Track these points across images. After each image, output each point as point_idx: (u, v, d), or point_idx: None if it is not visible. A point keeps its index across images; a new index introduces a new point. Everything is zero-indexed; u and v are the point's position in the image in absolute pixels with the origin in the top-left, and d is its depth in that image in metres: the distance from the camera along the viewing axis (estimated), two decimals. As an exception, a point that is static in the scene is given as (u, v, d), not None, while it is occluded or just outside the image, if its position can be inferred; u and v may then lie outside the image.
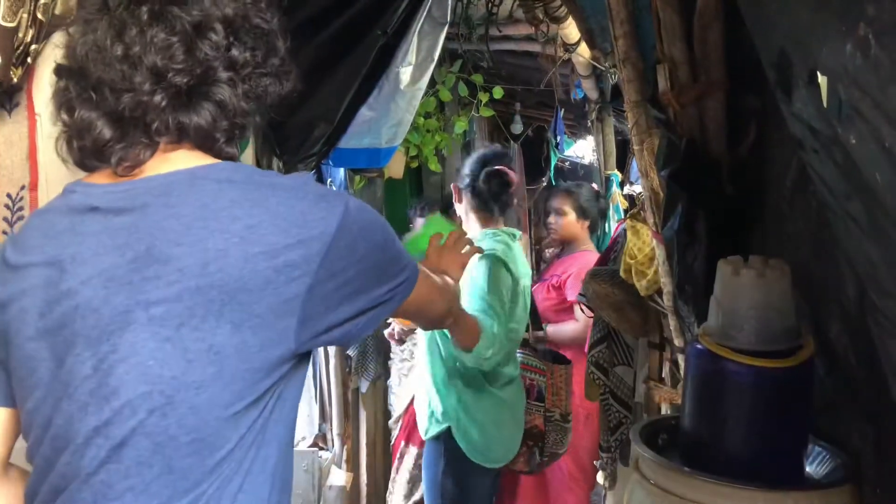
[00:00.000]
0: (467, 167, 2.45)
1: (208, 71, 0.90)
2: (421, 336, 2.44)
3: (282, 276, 0.85)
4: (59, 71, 0.93)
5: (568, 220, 3.34)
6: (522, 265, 2.40)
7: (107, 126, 0.89)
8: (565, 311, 3.20)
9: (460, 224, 2.51)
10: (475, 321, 2.10)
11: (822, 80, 0.73)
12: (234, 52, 0.92)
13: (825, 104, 0.72)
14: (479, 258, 2.19)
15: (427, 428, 2.35)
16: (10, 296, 0.92)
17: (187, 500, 0.85)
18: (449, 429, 2.28)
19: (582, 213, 3.37)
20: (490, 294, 2.18)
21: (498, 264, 2.23)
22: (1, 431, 0.98)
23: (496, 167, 2.39)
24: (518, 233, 2.50)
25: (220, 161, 0.94)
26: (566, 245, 3.41)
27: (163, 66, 0.87)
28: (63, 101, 0.92)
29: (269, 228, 0.86)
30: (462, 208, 2.47)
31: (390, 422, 3.33)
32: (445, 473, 2.29)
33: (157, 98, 0.88)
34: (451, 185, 2.53)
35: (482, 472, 2.30)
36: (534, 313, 2.73)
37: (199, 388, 0.84)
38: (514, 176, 2.44)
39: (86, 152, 0.91)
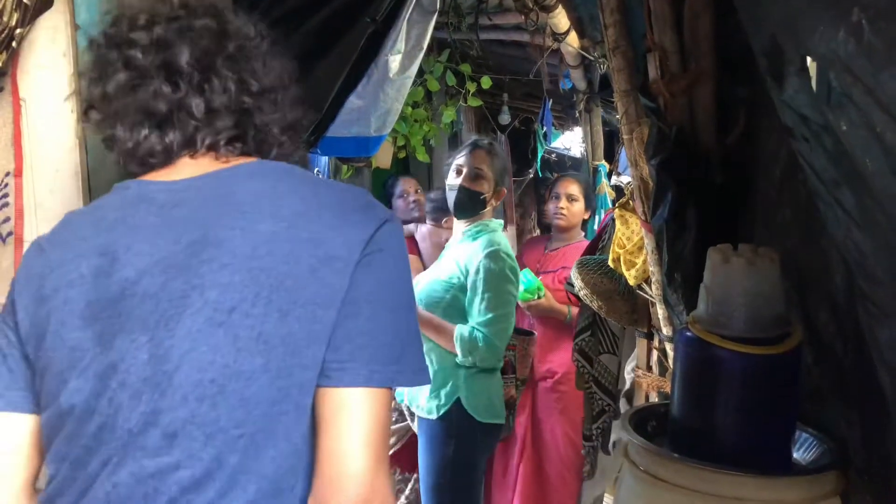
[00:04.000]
0: (505, 175, 2.57)
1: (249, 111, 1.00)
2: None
3: (325, 266, 0.84)
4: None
5: (578, 207, 3.29)
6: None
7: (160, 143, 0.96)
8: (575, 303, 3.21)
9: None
10: (449, 333, 2.30)
11: (811, 65, 0.74)
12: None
13: (814, 90, 0.72)
14: (491, 254, 2.31)
15: (435, 406, 2.35)
16: (52, 289, 0.90)
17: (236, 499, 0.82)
18: (457, 401, 2.31)
19: (588, 201, 3.36)
20: (496, 292, 2.29)
21: (506, 259, 2.33)
22: (31, 443, 0.93)
23: (475, 139, 2.52)
24: (500, 223, 2.56)
25: (278, 162, 0.98)
26: (560, 233, 3.36)
27: (293, 119, 1.03)
28: (168, 93, 0.94)
29: (315, 217, 0.87)
30: (497, 203, 2.55)
31: None
32: (457, 450, 2.33)
33: (276, 131, 1.01)
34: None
35: (487, 438, 2.39)
36: None
37: (249, 379, 0.82)
38: (497, 148, 2.55)
39: (179, 140, 0.95)
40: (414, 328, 0.91)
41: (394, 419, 3.14)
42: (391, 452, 3.13)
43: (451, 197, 2.49)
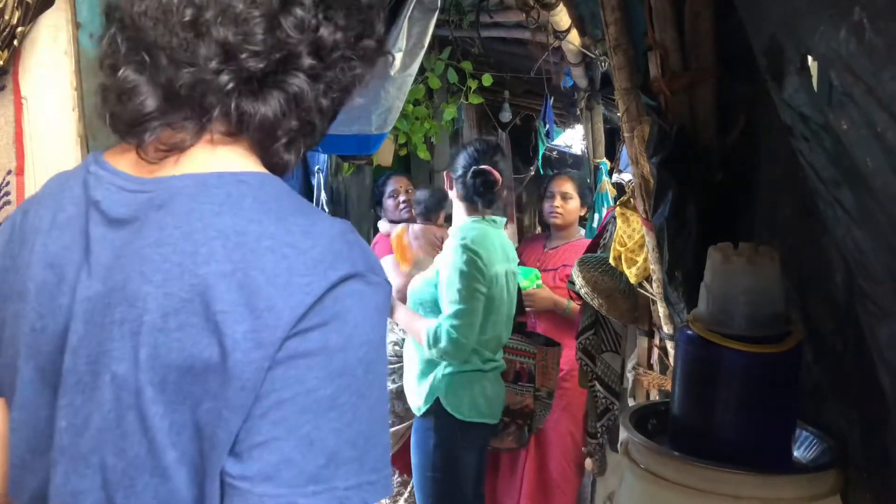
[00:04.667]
0: (461, 160, 2.52)
1: (289, 57, 0.73)
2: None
3: (238, 352, 0.66)
4: (110, 12, 0.77)
5: (573, 205, 3.30)
6: (498, 252, 2.46)
7: (153, 96, 0.73)
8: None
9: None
10: (420, 328, 2.35)
11: (811, 64, 0.74)
12: (323, 31, 0.74)
13: (815, 89, 0.72)
14: (455, 249, 2.36)
15: (417, 405, 2.45)
16: (8, 292, 0.79)
17: None
18: (437, 401, 2.37)
19: (584, 199, 3.35)
20: (459, 286, 2.32)
21: (467, 252, 2.34)
22: None
23: (482, 167, 2.46)
24: (501, 220, 2.56)
25: (256, 171, 0.75)
26: (558, 231, 3.36)
27: (236, 43, 0.71)
28: (107, 55, 0.75)
29: (241, 280, 0.66)
30: (452, 194, 2.56)
31: None
32: (436, 447, 2.39)
33: (223, 79, 0.72)
34: (445, 173, 2.61)
35: (470, 439, 2.42)
36: (519, 300, 2.75)
37: (164, 475, 0.68)
38: (499, 175, 2.52)
39: (119, 121, 0.75)
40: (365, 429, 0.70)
41: (391, 421, 3.14)
42: (392, 454, 3.13)
43: None
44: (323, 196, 3.43)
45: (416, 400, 2.46)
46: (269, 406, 0.66)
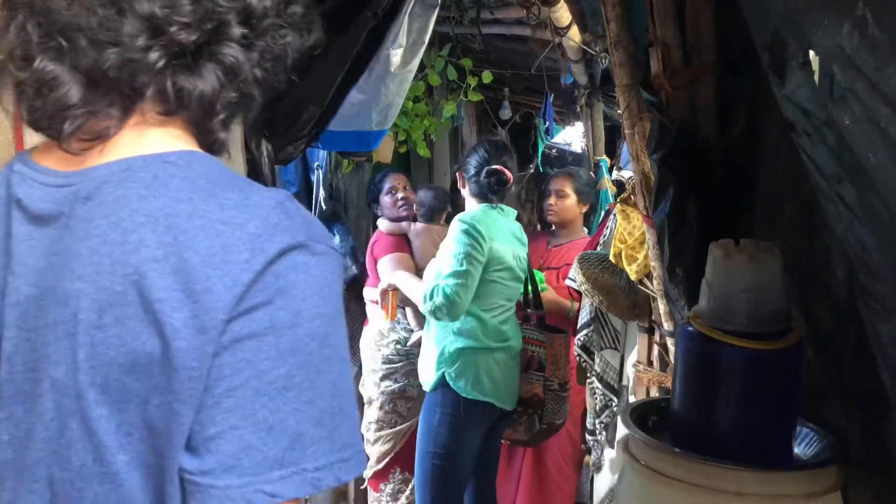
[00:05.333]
0: (473, 160, 2.64)
1: (220, 26, 0.70)
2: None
3: (180, 339, 0.62)
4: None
5: (568, 203, 3.30)
6: (502, 232, 2.56)
7: (76, 85, 0.68)
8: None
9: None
10: (419, 288, 2.51)
11: (813, 58, 0.73)
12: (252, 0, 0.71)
13: (818, 84, 0.72)
14: (453, 224, 2.51)
15: (428, 379, 2.54)
16: None
17: None
18: (443, 376, 2.46)
19: (581, 196, 3.33)
20: (454, 251, 2.45)
21: (463, 224, 2.48)
22: None
23: (496, 167, 2.60)
24: (510, 210, 2.64)
25: (184, 150, 0.71)
26: (560, 229, 3.36)
27: (163, 16, 0.67)
28: (16, 45, 0.69)
29: (175, 264, 0.62)
30: (465, 192, 2.69)
31: (385, 430, 3.24)
32: (440, 423, 2.47)
33: (153, 56, 0.67)
34: (457, 173, 2.76)
35: (473, 418, 2.48)
36: (535, 294, 2.77)
37: (114, 481, 0.65)
38: (511, 174, 2.64)
39: (40, 115, 0.69)
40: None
41: (392, 421, 3.14)
42: (392, 455, 3.13)
43: None
44: (322, 193, 3.42)
45: (426, 375, 2.55)
46: (220, 394, 0.63)
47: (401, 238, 3.23)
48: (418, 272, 3.10)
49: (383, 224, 3.29)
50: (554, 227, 3.39)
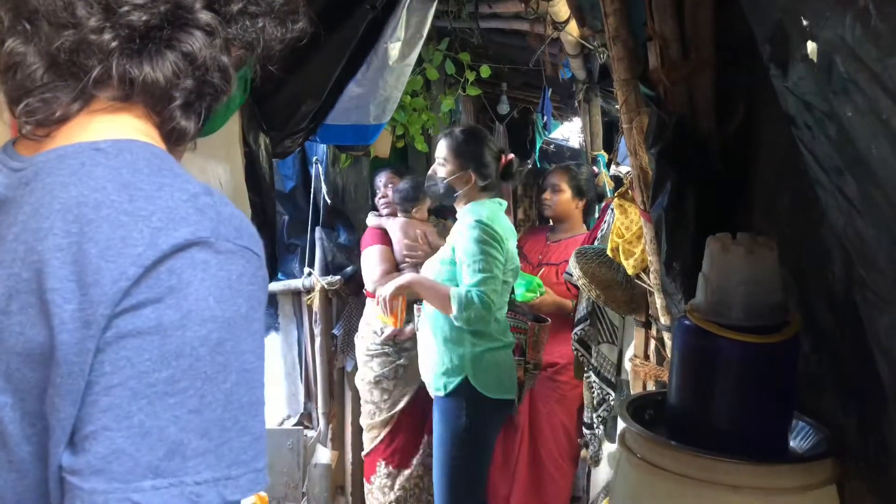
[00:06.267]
0: (486, 152, 2.54)
1: (178, 10, 0.68)
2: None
3: (65, 332, 0.60)
4: None
5: (563, 198, 3.28)
6: (508, 229, 2.53)
7: (42, 67, 0.67)
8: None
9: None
10: (445, 293, 2.36)
11: (811, 46, 0.73)
12: None
13: (820, 76, 0.71)
14: (470, 225, 2.40)
15: (443, 384, 2.45)
16: None
17: None
18: (465, 379, 2.39)
19: (578, 192, 3.30)
20: (481, 255, 2.36)
21: (483, 226, 2.40)
22: None
23: (510, 156, 2.61)
24: (503, 203, 2.62)
25: (123, 138, 0.68)
26: (558, 224, 3.35)
27: None
28: None
29: (75, 255, 0.61)
30: (470, 186, 2.54)
31: (367, 420, 3.24)
32: (467, 429, 2.41)
33: (105, 38, 0.66)
34: (452, 165, 2.61)
35: (497, 418, 2.49)
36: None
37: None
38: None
39: (8, 95, 0.70)
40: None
41: (372, 412, 3.14)
42: (374, 445, 3.13)
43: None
44: (323, 187, 3.41)
45: (439, 380, 2.46)
46: (98, 392, 0.59)
47: (383, 231, 3.24)
48: (397, 266, 3.12)
49: (371, 220, 3.32)
50: (552, 223, 3.39)
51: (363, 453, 3.23)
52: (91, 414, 0.60)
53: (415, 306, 2.74)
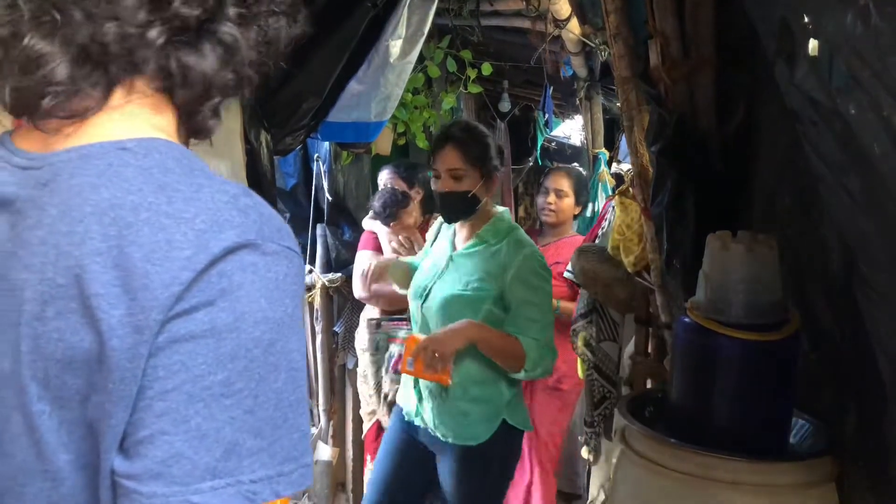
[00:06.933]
0: (496, 154, 2.16)
1: (219, 3, 0.68)
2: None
3: (116, 338, 0.59)
4: None
5: (567, 203, 3.21)
6: None
7: (66, 63, 0.64)
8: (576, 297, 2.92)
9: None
10: (516, 345, 1.97)
11: (813, 44, 0.73)
12: None
13: (824, 73, 0.72)
14: (528, 256, 2.03)
15: (475, 433, 2.06)
16: None
17: None
18: (503, 422, 2.08)
19: (578, 196, 3.26)
20: (546, 297, 2.05)
21: (540, 259, 2.07)
22: None
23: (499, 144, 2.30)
24: (506, 210, 2.44)
25: (148, 136, 0.67)
26: (551, 228, 3.26)
27: None
28: (5, 22, 0.65)
29: (116, 259, 0.60)
30: (487, 189, 2.15)
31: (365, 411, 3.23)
32: (504, 474, 2.14)
33: (154, 33, 0.65)
34: (469, 169, 2.20)
35: (520, 441, 2.21)
36: None
37: (55, 479, 0.63)
38: None
39: (21, 94, 0.66)
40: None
41: (363, 403, 3.15)
42: (370, 426, 3.13)
43: (438, 205, 2.17)
44: (325, 184, 3.41)
45: (470, 429, 2.07)
46: (153, 397, 0.60)
47: (376, 236, 3.18)
48: None
49: (364, 221, 3.20)
50: (544, 226, 3.30)
51: (362, 435, 3.22)
52: (145, 419, 0.60)
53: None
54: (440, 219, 2.31)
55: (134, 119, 0.68)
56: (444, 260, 2.16)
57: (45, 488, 0.63)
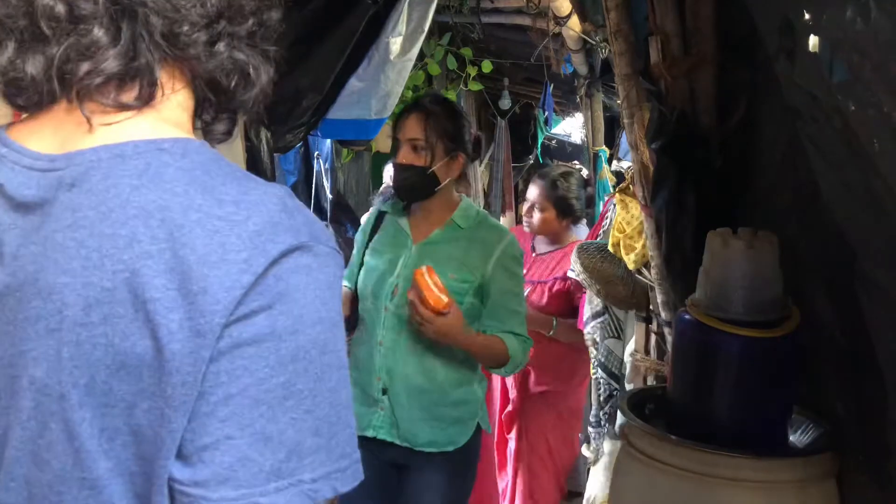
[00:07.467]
0: (468, 139, 1.98)
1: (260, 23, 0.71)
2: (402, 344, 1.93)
3: (176, 341, 0.58)
4: None
5: (546, 217, 2.82)
6: None
7: (115, 58, 0.63)
8: (574, 313, 2.72)
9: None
10: (501, 347, 1.85)
11: (814, 40, 0.73)
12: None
13: (820, 68, 0.72)
14: (509, 243, 1.92)
15: (451, 437, 1.92)
16: None
17: None
18: (476, 425, 1.96)
19: (563, 211, 2.82)
20: (521, 289, 1.99)
21: (516, 246, 1.98)
22: None
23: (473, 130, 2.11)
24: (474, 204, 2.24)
25: (178, 136, 0.66)
26: (541, 235, 2.94)
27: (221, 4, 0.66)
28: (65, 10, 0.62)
29: (169, 262, 0.59)
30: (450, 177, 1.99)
31: None
32: (473, 476, 2.03)
33: (206, 35, 0.66)
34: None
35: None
36: None
37: (94, 487, 0.62)
38: None
39: (71, 79, 0.63)
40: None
41: None
42: None
43: (393, 178, 1.96)
44: (326, 183, 3.41)
45: (445, 433, 1.91)
46: (216, 402, 0.59)
47: None
48: None
49: (363, 219, 3.14)
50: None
51: None
52: (208, 424, 0.60)
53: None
54: (370, 210, 2.13)
55: (161, 119, 0.67)
56: (401, 252, 1.93)
57: (81, 497, 0.62)
